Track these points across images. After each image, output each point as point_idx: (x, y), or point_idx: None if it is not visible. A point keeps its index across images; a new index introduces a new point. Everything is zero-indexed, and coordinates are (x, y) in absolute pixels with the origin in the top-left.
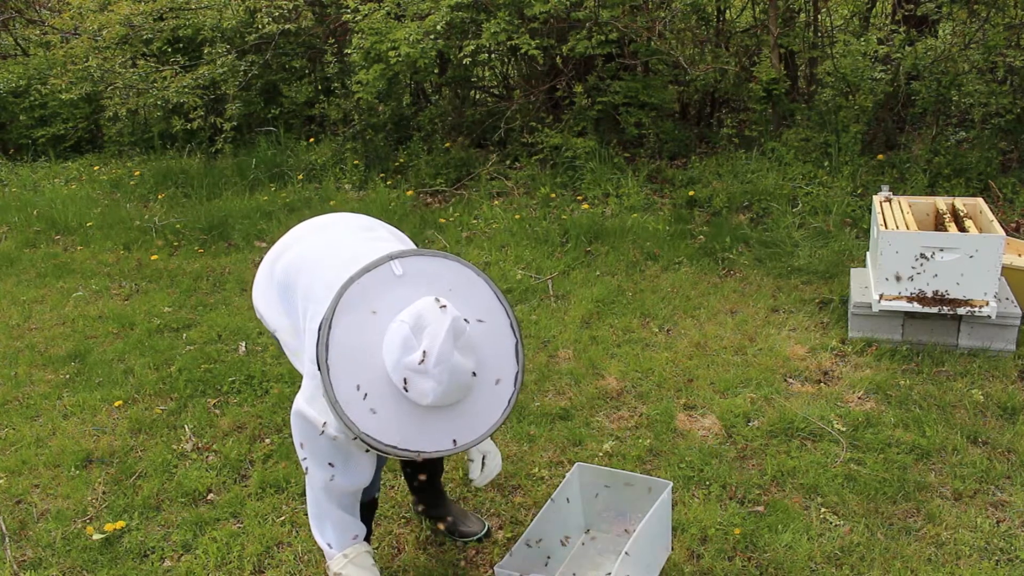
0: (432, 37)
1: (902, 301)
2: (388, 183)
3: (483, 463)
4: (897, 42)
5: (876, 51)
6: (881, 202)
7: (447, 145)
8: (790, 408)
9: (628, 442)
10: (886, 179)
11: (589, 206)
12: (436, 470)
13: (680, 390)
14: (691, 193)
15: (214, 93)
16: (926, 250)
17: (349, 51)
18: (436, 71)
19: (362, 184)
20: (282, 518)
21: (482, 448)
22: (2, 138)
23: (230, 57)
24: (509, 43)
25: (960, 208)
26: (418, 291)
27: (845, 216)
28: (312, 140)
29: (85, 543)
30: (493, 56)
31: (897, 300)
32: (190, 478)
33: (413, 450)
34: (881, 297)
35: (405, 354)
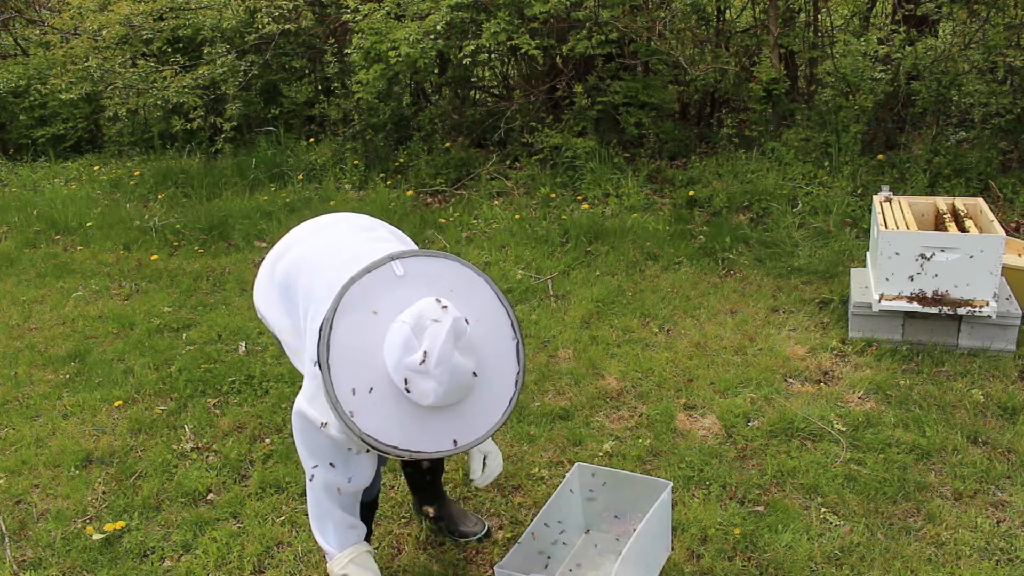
0: (432, 37)
1: (902, 301)
2: (388, 183)
3: (484, 463)
4: (897, 42)
5: (876, 51)
6: (881, 202)
7: (447, 145)
8: (790, 408)
9: (628, 442)
10: (886, 179)
11: (589, 206)
12: (436, 470)
13: (680, 390)
14: (691, 193)
15: (214, 93)
16: (926, 250)
17: (349, 51)
18: (436, 71)
19: (362, 184)
20: (282, 518)
21: (483, 448)
22: (2, 138)
23: (230, 57)
24: (509, 43)
25: (960, 208)
26: (419, 291)
27: (845, 216)
28: (312, 140)
29: (85, 543)
30: (493, 56)
31: (897, 300)
32: (190, 478)
33: (414, 450)
34: (881, 297)
35: (406, 354)
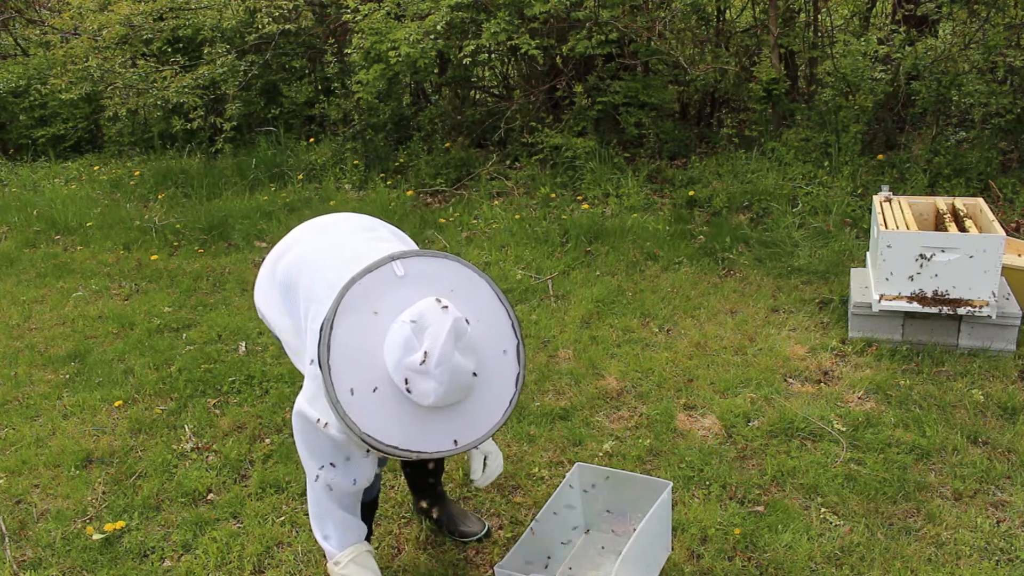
0: (432, 37)
1: (902, 301)
2: (388, 183)
3: (484, 463)
4: (897, 42)
5: (876, 51)
6: (881, 202)
7: (447, 145)
8: (790, 408)
9: (628, 442)
10: (886, 179)
11: (589, 206)
12: (436, 470)
13: (680, 390)
14: (691, 193)
15: (214, 93)
16: (926, 250)
17: (349, 51)
18: (436, 71)
19: (362, 184)
20: (282, 518)
21: (483, 448)
22: (2, 138)
23: (230, 57)
24: (509, 43)
25: (960, 208)
26: (419, 292)
27: (845, 216)
28: (312, 140)
29: (85, 543)
30: (493, 56)
31: (897, 300)
32: (190, 478)
33: (414, 451)
34: (881, 297)
35: (406, 355)
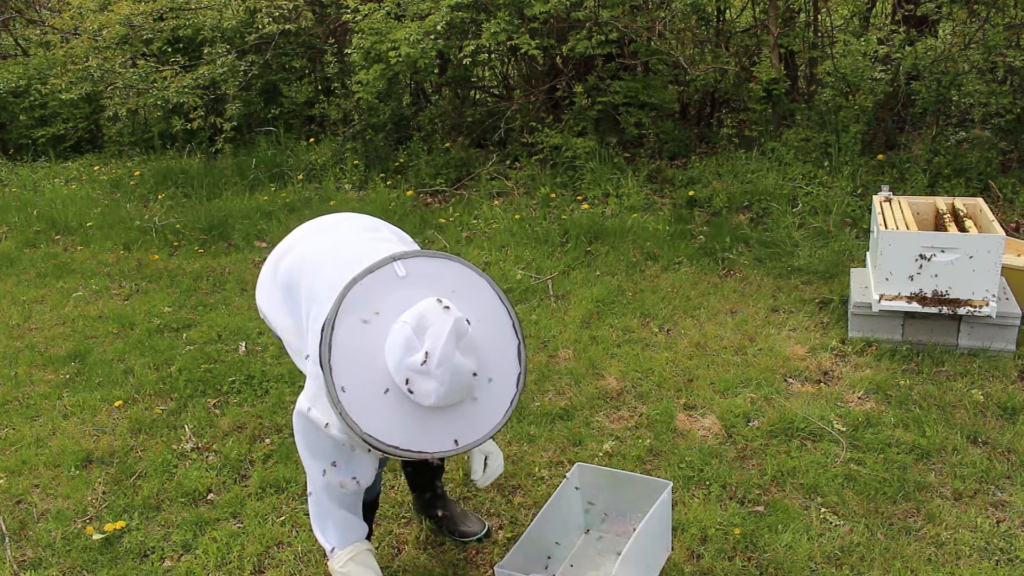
0: (432, 37)
1: (902, 301)
2: (388, 183)
3: (485, 463)
4: (897, 42)
5: (876, 51)
6: (881, 202)
7: (447, 145)
8: (790, 408)
9: (628, 442)
10: (886, 179)
11: (589, 206)
12: (437, 470)
13: (680, 390)
14: (691, 193)
15: (214, 93)
16: (926, 250)
17: (349, 51)
18: (436, 71)
19: (362, 184)
20: (282, 518)
21: (484, 449)
22: (2, 138)
23: (230, 57)
24: (509, 43)
25: (960, 208)
26: (421, 292)
27: (845, 216)
28: (312, 140)
29: (85, 543)
30: (493, 56)
31: (897, 300)
32: (190, 478)
33: (415, 451)
34: (881, 297)
35: (408, 355)
